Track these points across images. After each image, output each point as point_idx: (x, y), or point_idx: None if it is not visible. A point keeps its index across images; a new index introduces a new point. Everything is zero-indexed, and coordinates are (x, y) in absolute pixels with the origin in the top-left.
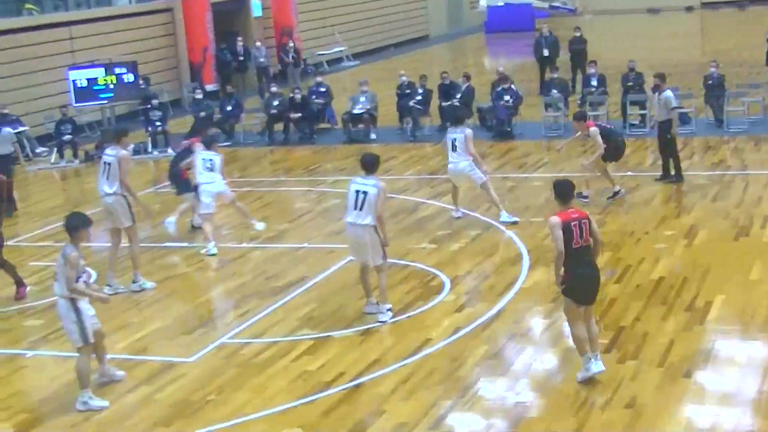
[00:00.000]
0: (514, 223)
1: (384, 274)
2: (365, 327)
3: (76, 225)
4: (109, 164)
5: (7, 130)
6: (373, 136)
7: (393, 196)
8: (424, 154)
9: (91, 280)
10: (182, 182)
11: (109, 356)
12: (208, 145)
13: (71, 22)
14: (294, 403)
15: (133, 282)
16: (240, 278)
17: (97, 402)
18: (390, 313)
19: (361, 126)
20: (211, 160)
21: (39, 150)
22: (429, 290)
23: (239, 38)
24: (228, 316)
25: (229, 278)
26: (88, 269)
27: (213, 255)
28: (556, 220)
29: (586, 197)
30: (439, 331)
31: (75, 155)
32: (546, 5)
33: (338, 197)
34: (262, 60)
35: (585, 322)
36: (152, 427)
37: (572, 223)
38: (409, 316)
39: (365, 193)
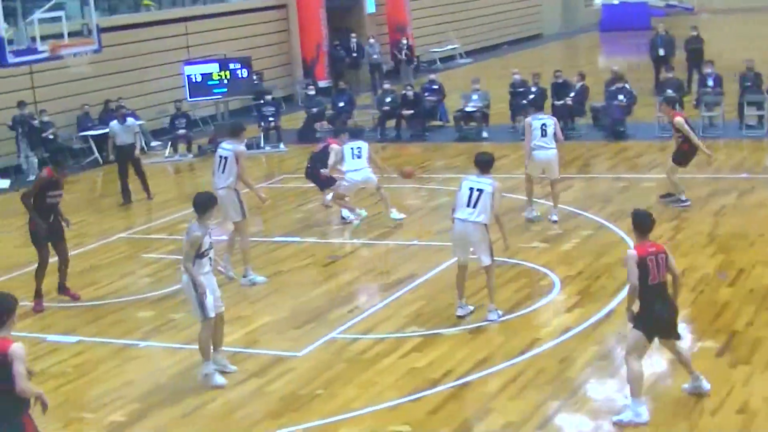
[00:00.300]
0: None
1: (493, 274)
2: (474, 325)
3: (203, 203)
4: (226, 158)
5: (131, 120)
6: (485, 134)
7: (503, 194)
8: None
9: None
10: (323, 181)
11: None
12: (356, 134)
13: (187, 18)
14: (401, 400)
15: (243, 277)
16: (350, 274)
17: (218, 379)
18: (499, 312)
19: (473, 124)
20: (359, 147)
21: (153, 144)
22: (539, 290)
23: (353, 35)
24: (337, 312)
25: (339, 274)
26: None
27: (363, 217)
28: (632, 253)
29: (685, 202)
30: (548, 330)
31: (188, 149)
32: (662, 4)
33: (449, 195)
34: (375, 57)
35: (673, 353)
36: (261, 419)
37: (649, 258)
38: (518, 316)
39: (480, 191)
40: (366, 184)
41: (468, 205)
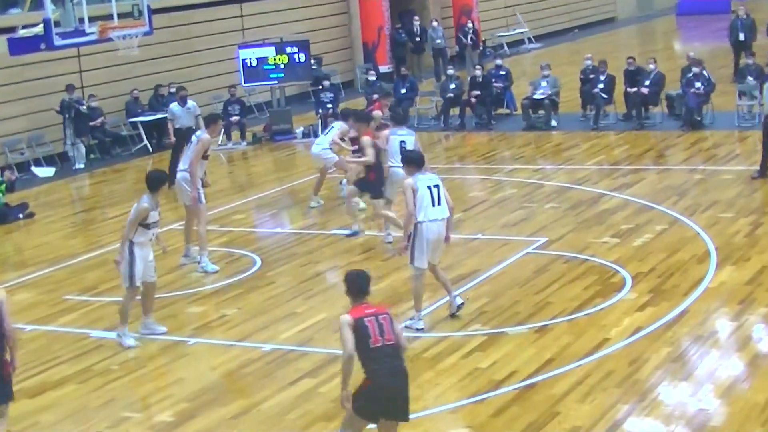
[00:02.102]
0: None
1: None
2: (540, 324)
3: (155, 180)
4: (191, 143)
5: (192, 103)
6: (553, 123)
7: (573, 186)
8: (607, 143)
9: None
10: None
11: (272, 346)
12: (340, 116)
13: None
14: (463, 402)
15: (184, 255)
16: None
17: (129, 340)
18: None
19: (541, 112)
20: (332, 127)
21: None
22: (609, 287)
23: (416, 18)
24: (397, 308)
25: (399, 269)
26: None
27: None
28: (345, 318)
29: (356, 233)
30: (618, 330)
31: (242, 137)
32: None
33: (515, 187)
34: (438, 41)
35: None
36: (314, 421)
37: (367, 319)
38: (587, 314)
39: (437, 186)
40: (318, 159)
41: (434, 204)
